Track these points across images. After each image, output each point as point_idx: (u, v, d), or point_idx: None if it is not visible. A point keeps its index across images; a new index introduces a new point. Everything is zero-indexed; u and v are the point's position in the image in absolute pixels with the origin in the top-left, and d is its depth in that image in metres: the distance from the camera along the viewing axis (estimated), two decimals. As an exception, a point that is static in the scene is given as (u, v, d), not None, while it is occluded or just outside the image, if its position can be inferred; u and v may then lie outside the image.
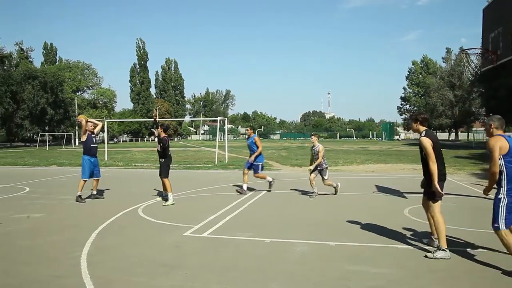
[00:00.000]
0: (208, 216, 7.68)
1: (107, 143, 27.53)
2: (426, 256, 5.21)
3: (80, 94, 74.37)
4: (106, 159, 23.22)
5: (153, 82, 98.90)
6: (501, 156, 4.58)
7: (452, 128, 76.82)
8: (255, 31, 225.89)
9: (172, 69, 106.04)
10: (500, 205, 4.62)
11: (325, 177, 10.12)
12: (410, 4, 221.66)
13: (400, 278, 4.49)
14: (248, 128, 11.55)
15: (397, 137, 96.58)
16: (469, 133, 76.52)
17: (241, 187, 10.70)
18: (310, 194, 10.23)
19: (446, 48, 75.40)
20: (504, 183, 4.61)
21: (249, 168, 10.69)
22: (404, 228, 6.83)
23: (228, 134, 44.99)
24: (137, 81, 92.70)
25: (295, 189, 11.53)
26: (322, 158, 10.01)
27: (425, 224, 7.09)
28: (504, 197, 4.60)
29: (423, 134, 5.33)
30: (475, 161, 21.55)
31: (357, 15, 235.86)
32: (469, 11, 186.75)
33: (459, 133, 79.57)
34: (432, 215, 5.40)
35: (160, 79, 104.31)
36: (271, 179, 10.76)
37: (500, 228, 4.62)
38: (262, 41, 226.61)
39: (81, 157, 9.98)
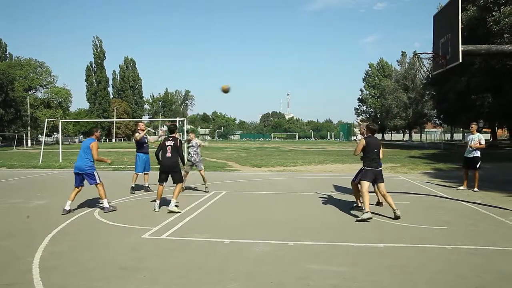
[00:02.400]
0: (167, 218, 7.58)
1: (62, 144, 26.56)
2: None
3: (33, 93, 71.26)
4: (60, 160, 22.43)
5: (110, 82, 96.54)
6: None
7: (406, 129, 79.58)
8: (215, 31, 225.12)
9: (130, 68, 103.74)
10: None
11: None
12: (368, 8, 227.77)
13: (357, 275, 4.61)
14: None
15: (354, 137, 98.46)
16: (422, 134, 79.54)
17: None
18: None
19: (402, 52, 78.34)
20: None
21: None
22: (360, 227, 7.01)
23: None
24: (94, 80, 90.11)
25: (254, 190, 11.59)
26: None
27: (380, 221, 7.33)
28: None
29: (364, 136, 8.01)
30: (428, 161, 22.41)
31: (317, 18, 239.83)
32: (421, 17, 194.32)
33: (413, 133, 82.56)
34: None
35: (118, 78, 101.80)
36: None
37: None
38: (222, 42, 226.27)
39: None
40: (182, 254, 5.46)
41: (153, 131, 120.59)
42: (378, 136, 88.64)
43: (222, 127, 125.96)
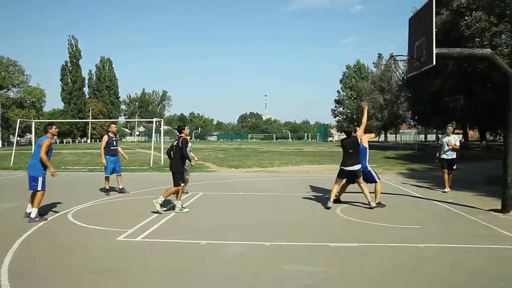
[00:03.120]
0: (142, 220, 7.50)
1: (34, 145, 25.92)
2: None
3: (4, 92, 69.32)
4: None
5: (86, 82, 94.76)
6: None
7: (381, 130, 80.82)
8: (193, 31, 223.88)
9: (107, 68, 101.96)
10: None
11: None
12: (346, 10, 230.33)
13: (332, 275, 4.66)
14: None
15: (331, 138, 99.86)
16: (397, 135, 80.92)
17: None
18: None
19: (378, 54, 79.13)
20: None
21: None
22: (336, 227, 7.09)
23: (164, 136, 44.11)
24: (69, 80, 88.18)
25: (231, 191, 11.57)
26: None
27: (356, 221, 7.42)
28: None
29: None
30: (402, 161, 22.81)
31: (295, 20, 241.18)
32: (397, 20, 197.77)
33: (388, 134, 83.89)
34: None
35: (94, 78, 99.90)
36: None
37: None
38: (199, 42, 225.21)
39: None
40: (158, 256, 5.41)
41: (130, 132, 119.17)
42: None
43: (199, 128, 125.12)
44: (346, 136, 8.90)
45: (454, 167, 11.40)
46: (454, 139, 11.33)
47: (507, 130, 8.51)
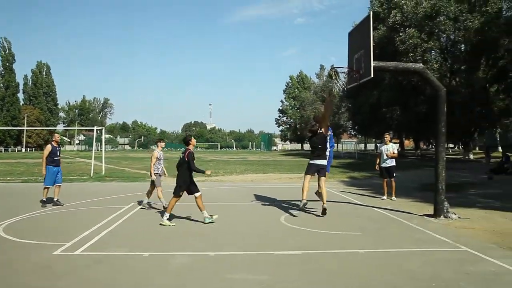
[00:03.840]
0: (81, 232, 7.18)
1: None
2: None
3: None
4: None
5: (21, 87, 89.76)
6: None
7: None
8: (136, 40, 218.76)
9: (44, 73, 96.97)
10: None
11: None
12: (290, 22, 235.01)
13: (276, 283, 4.71)
14: None
15: (275, 147, 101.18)
16: (338, 144, 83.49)
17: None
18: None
19: (320, 65, 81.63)
20: None
21: None
22: (279, 235, 7.19)
23: (105, 145, 42.67)
24: (1, 85, 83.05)
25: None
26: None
27: (300, 229, 7.55)
28: None
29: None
30: (344, 170, 23.56)
31: (239, 30, 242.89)
32: (338, 33, 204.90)
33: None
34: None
35: (30, 84, 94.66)
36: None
37: None
38: (143, 50, 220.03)
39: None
40: (98, 270, 5.20)
41: (69, 140, 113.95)
42: (298, 146, 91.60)
43: (142, 137, 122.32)
44: (311, 135, 9.24)
45: (394, 175, 11.70)
46: (392, 148, 11.72)
47: (438, 140, 9.07)
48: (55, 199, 10.49)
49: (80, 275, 5.00)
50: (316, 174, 9.10)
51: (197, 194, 8.24)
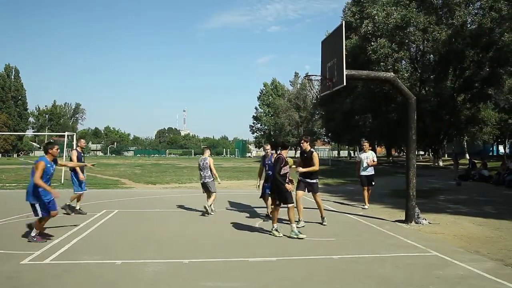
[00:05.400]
0: (52, 240, 7.00)
1: None
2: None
3: None
4: None
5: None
6: None
7: (297, 146, 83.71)
8: (110, 44, 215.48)
9: (12, 77, 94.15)
10: None
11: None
12: (263, 30, 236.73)
13: (251, 289, 4.71)
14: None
15: (249, 154, 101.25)
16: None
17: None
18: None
19: (295, 73, 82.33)
20: None
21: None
22: (254, 242, 7.18)
23: (76, 151, 41.65)
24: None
25: (148, 208, 11.25)
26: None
27: (276, 237, 7.56)
28: None
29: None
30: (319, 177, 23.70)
31: (214, 37, 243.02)
32: (311, 41, 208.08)
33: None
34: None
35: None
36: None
37: None
38: (117, 55, 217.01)
39: None
40: (69, 279, 5.07)
41: (39, 146, 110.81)
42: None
43: (115, 143, 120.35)
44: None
45: (373, 183, 11.49)
46: (372, 155, 11.48)
47: (409, 147, 9.29)
48: (77, 208, 10.18)
49: (49, 285, 4.86)
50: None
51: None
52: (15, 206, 10.34)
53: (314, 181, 8.98)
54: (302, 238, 7.31)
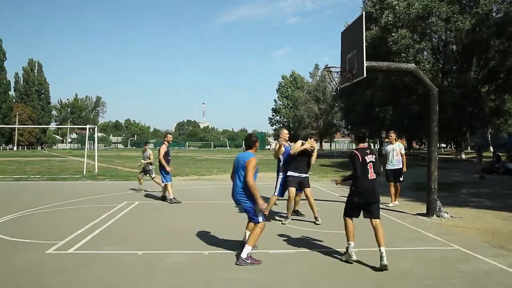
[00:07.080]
0: (74, 231, 7.15)
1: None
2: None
3: None
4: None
5: (12, 85, 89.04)
6: None
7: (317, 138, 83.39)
8: (130, 39, 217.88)
9: (36, 71, 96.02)
10: None
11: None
12: (281, 22, 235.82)
13: (269, 282, 4.72)
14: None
15: (268, 146, 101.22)
16: (332, 143, 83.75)
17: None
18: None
19: (315, 64, 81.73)
20: None
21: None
22: (273, 234, 7.19)
23: (98, 143, 42.44)
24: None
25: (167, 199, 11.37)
26: None
27: (294, 228, 7.56)
28: None
29: None
30: (337, 169, 23.63)
31: (232, 29, 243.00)
32: (331, 33, 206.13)
33: (323, 143, 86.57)
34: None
35: (22, 82, 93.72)
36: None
37: None
38: (136, 49, 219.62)
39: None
40: (91, 269, 5.18)
41: (61, 139, 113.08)
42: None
43: (135, 136, 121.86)
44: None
45: (401, 179, 10.44)
46: (399, 147, 10.57)
47: (430, 140, 9.13)
48: (171, 197, 10.65)
49: (73, 274, 4.97)
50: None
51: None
52: (40, 197, 10.58)
53: (307, 175, 8.46)
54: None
